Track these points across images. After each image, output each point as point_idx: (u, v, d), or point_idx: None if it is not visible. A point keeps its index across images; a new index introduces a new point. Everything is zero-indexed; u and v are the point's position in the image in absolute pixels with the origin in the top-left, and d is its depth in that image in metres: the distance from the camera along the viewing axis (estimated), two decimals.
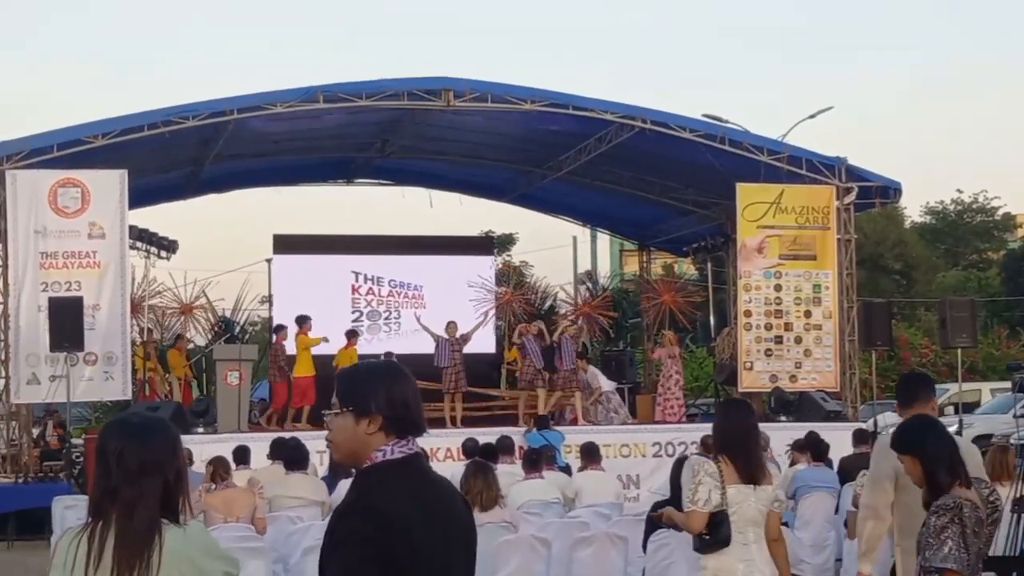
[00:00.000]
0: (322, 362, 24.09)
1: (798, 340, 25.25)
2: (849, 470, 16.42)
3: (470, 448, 16.47)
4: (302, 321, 24.24)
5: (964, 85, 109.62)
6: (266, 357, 25.88)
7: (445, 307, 29.30)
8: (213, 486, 12.74)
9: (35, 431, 25.12)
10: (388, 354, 24.09)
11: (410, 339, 29.11)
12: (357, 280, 29.66)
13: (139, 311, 25.87)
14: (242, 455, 16.45)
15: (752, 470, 7.64)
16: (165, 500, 4.30)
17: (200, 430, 21.72)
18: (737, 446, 7.73)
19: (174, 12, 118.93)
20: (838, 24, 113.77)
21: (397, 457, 4.08)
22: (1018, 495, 9.47)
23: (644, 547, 11.17)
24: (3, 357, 22.32)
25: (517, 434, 20.38)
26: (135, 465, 4.26)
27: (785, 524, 15.36)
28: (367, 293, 29.73)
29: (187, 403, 24.09)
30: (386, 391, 4.14)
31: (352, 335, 25.56)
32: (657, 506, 11.36)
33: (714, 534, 7.65)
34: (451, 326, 24.65)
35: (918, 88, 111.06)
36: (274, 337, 24.99)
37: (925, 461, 6.56)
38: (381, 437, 4.11)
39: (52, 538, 11.38)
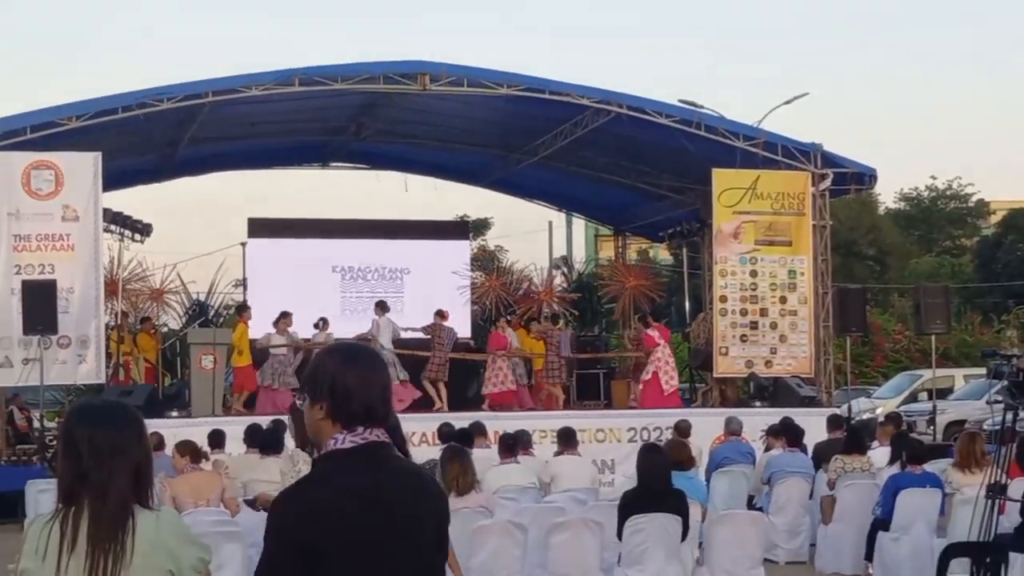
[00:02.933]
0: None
1: (773, 326, 25.28)
2: (823, 455, 16.52)
3: (446, 433, 16.46)
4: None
5: (940, 71, 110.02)
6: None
7: (422, 291, 29.34)
8: (177, 473, 12.70)
9: None
10: (363, 337, 24.10)
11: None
12: (333, 263, 29.64)
13: (114, 294, 25.77)
14: (217, 439, 16.44)
15: None
16: (136, 483, 4.27)
17: (174, 414, 21.65)
18: None
19: None
20: (815, 9, 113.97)
21: (345, 447, 4.01)
22: (991, 481, 9.51)
23: (619, 534, 11.17)
24: None
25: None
26: (106, 448, 4.22)
27: (760, 509, 15.52)
28: (343, 277, 29.71)
29: (154, 385, 24.10)
30: (332, 377, 4.09)
31: (323, 323, 25.85)
32: (627, 494, 11.37)
33: None
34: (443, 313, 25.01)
35: (893, 74, 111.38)
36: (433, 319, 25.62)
37: None
38: (330, 424, 4.06)
39: (25, 522, 11.29)
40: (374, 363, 4.17)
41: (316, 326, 25.86)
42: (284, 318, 24.58)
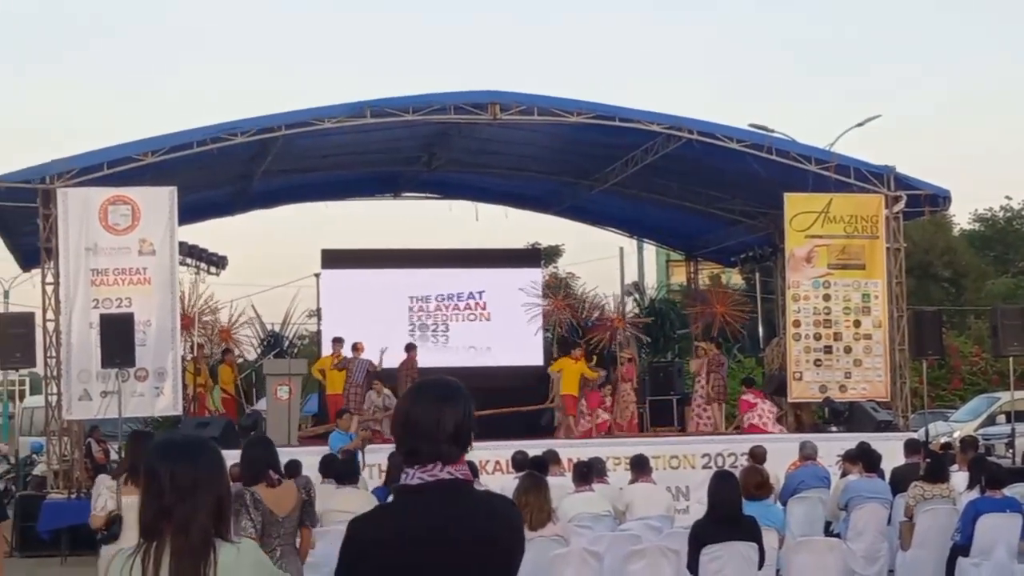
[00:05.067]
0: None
1: (847, 350, 25.11)
2: (901, 480, 16.36)
3: (519, 461, 16.44)
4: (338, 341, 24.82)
5: (1012, 89, 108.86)
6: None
7: (494, 320, 29.43)
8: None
9: None
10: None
11: (457, 352, 29.26)
12: (408, 293, 29.79)
13: (188, 327, 26.01)
14: (293, 469, 16.49)
15: None
16: (217, 517, 4.33)
17: None
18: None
19: (222, 28, 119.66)
20: (885, 31, 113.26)
21: (411, 483, 4.10)
22: None
23: (690, 566, 11.11)
24: (56, 374, 22.48)
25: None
26: (188, 483, 4.29)
27: (837, 535, 15.40)
28: (417, 309, 29.87)
29: (233, 418, 24.26)
30: (399, 411, 4.18)
31: (411, 347, 26.00)
32: (697, 525, 11.31)
33: (110, 531, 10.57)
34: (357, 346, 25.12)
35: (965, 93, 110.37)
36: (406, 355, 25.83)
37: None
38: (400, 459, 4.19)
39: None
40: (431, 398, 4.20)
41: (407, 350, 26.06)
42: (337, 343, 24.92)
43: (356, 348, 24.93)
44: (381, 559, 4.02)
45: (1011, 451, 26.73)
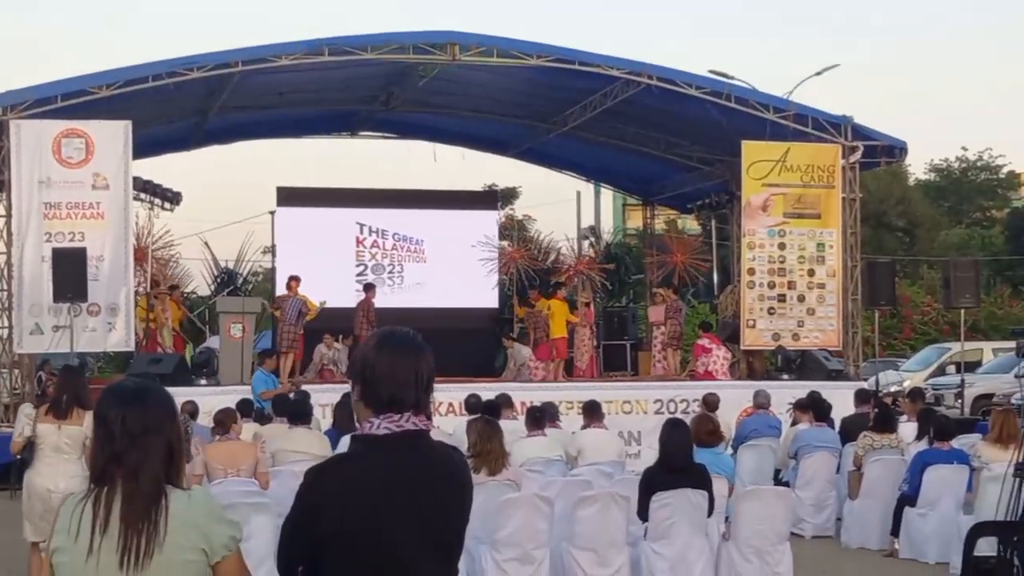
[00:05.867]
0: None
1: (801, 298, 25.25)
2: (851, 430, 16.52)
3: (472, 404, 16.48)
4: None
5: (970, 42, 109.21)
6: (266, 309, 25.89)
7: (449, 261, 29.42)
8: (216, 438, 12.78)
9: None
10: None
11: (412, 293, 29.25)
12: (362, 232, 29.71)
13: (143, 260, 25.86)
14: (246, 408, 16.50)
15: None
16: (168, 463, 4.30)
17: (203, 382, 21.72)
18: None
19: None
20: None
21: (378, 433, 4.08)
22: (1020, 460, 9.47)
23: (640, 512, 11.18)
24: (6, 307, 22.35)
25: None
26: (139, 428, 4.26)
27: (786, 483, 15.53)
28: (371, 246, 29.80)
29: (183, 354, 24.18)
30: (364, 359, 4.15)
31: (369, 287, 25.95)
32: (647, 472, 11.36)
33: (22, 457, 11.42)
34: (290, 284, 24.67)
35: (924, 45, 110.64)
36: (364, 294, 25.82)
37: None
38: (363, 407, 4.13)
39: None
40: (408, 348, 4.18)
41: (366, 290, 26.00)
42: (292, 281, 24.65)
43: (290, 287, 24.64)
44: (344, 510, 4.00)
45: (960, 401, 26.98)
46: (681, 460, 11.06)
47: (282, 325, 24.12)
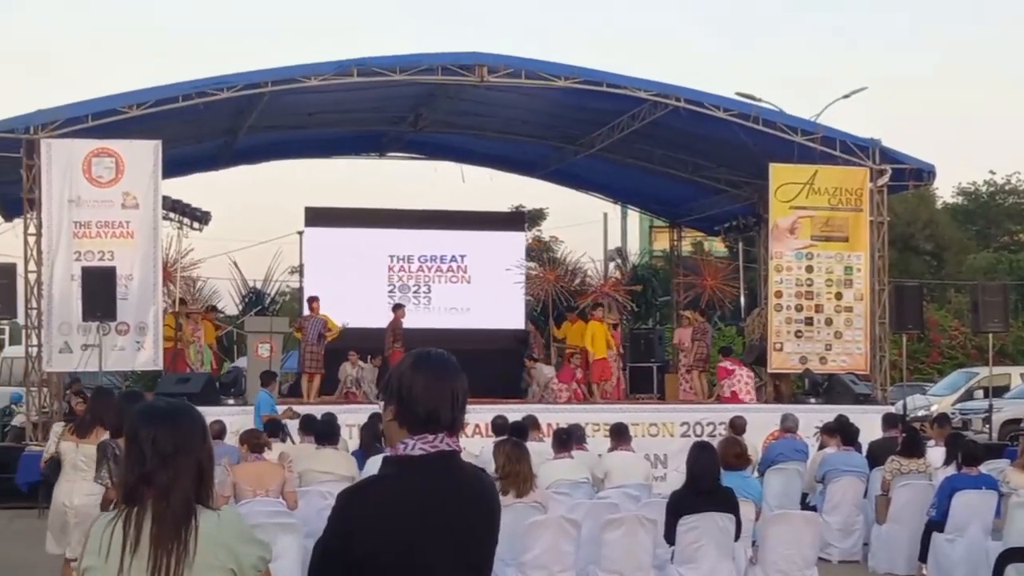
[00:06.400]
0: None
1: (828, 322, 25.17)
2: (878, 454, 16.45)
3: (500, 425, 16.47)
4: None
5: (999, 65, 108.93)
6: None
7: (476, 282, 29.47)
8: (244, 459, 12.81)
9: None
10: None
11: (439, 313, 29.29)
12: (389, 253, 29.78)
13: (171, 280, 25.96)
14: (274, 428, 16.54)
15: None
16: (198, 483, 4.32)
17: (231, 402, 21.76)
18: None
19: None
20: (874, 3, 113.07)
21: (413, 454, 4.07)
22: None
23: (667, 535, 11.16)
24: (36, 325, 22.43)
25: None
26: (170, 448, 4.28)
27: (813, 508, 15.48)
28: (399, 267, 29.87)
29: (212, 373, 24.23)
30: (400, 378, 4.15)
31: (398, 307, 26.01)
32: (674, 495, 11.35)
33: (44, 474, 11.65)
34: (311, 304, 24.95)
35: (952, 68, 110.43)
36: (392, 314, 25.72)
37: None
38: (397, 427, 4.12)
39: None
40: (444, 370, 4.19)
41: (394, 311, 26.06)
42: (314, 302, 24.76)
43: (312, 307, 24.72)
44: (379, 533, 3.98)
45: (988, 426, 26.86)
46: (708, 483, 11.05)
47: (305, 345, 24.20)
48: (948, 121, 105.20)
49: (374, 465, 11.03)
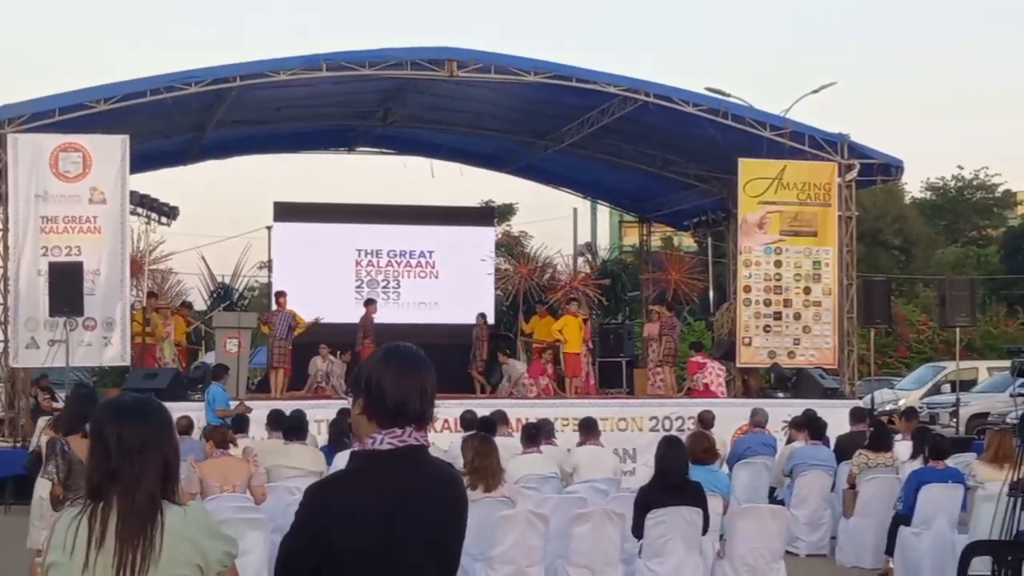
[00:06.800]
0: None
1: (797, 316, 25.27)
2: (846, 448, 16.50)
3: (468, 420, 16.47)
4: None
5: (967, 60, 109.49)
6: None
7: (445, 276, 29.46)
8: (209, 455, 12.79)
9: None
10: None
11: (409, 308, 29.26)
12: (358, 247, 29.71)
13: (139, 272, 25.85)
14: (241, 424, 16.49)
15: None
16: (164, 479, 4.30)
17: (197, 398, 21.68)
18: None
19: None
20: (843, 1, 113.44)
21: (383, 448, 4.07)
22: (1016, 478, 9.49)
23: (635, 530, 11.18)
24: (2, 321, 22.33)
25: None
26: (136, 444, 4.26)
27: (781, 502, 15.53)
28: (368, 261, 29.81)
29: (178, 368, 24.17)
30: (369, 372, 4.15)
31: (370, 302, 25.97)
32: (643, 489, 11.37)
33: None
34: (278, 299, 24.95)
35: (921, 63, 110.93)
36: (364, 309, 25.80)
37: None
38: (365, 421, 4.12)
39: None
40: (413, 364, 4.19)
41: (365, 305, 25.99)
42: (281, 297, 24.73)
43: (279, 302, 24.70)
44: (347, 528, 3.98)
45: (955, 420, 26.99)
46: (676, 478, 11.07)
47: (272, 340, 24.14)
48: (916, 117, 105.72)
49: (342, 460, 11.02)
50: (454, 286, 29.27)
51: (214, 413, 18.52)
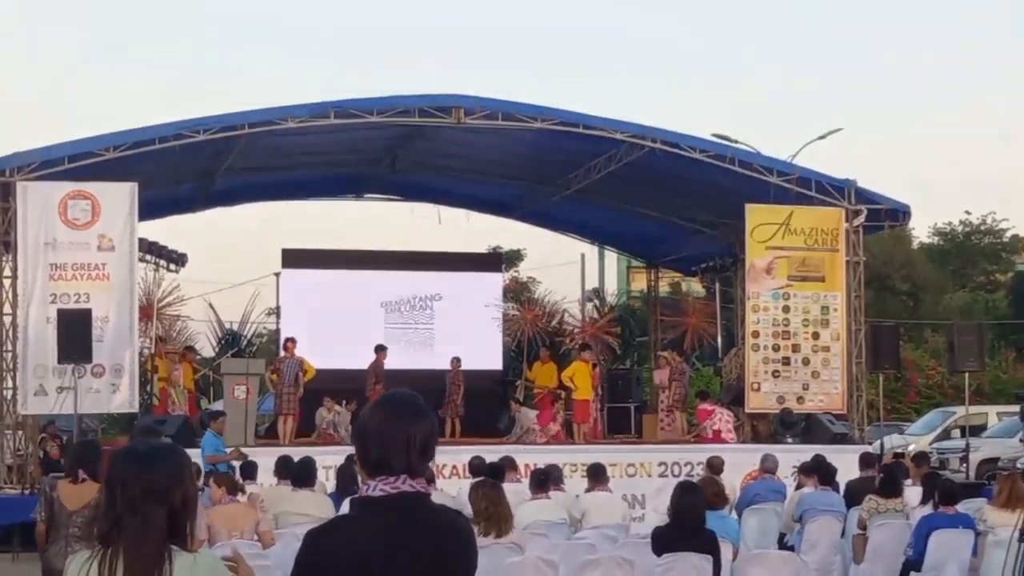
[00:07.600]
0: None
1: (806, 361, 25.23)
2: (855, 494, 16.42)
3: (476, 466, 16.44)
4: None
5: (975, 107, 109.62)
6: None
7: (454, 323, 29.46)
8: (220, 501, 12.80)
9: None
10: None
11: (417, 354, 29.26)
12: (367, 294, 29.73)
13: (149, 317, 25.88)
14: (249, 470, 16.47)
15: None
16: (172, 527, 4.29)
17: None
18: None
19: (188, 25, 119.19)
20: (850, 46, 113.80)
21: (374, 495, 4.08)
22: None
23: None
24: (11, 368, 22.34)
25: None
26: (137, 493, 4.26)
27: (791, 548, 15.45)
28: (377, 308, 29.83)
29: (187, 415, 24.15)
30: (361, 420, 4.17)
31: (380, 348, 25.96)
32: (657, 530, 11.33)
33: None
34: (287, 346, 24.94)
35: (928, 110, 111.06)
36: (375, 355, 25.81)
37: None
38: (359, 468, 4.17)
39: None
40: (400, 412, 4.17)
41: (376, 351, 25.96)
42: (290, 343, 24.72)
43: (287, 348, 24.69)
44: (347, 571, 4.00)
45: (965, 465, 26.91)
46: (692, 524, 11.02)
47: (280, 387, 24.12)
48: (924, 162, 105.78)
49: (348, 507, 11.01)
50: (462, 332, 29.26)
51: (205, 459, 18.47)
